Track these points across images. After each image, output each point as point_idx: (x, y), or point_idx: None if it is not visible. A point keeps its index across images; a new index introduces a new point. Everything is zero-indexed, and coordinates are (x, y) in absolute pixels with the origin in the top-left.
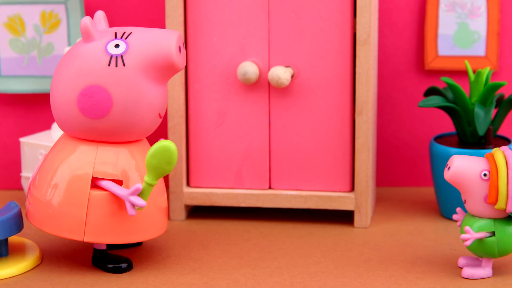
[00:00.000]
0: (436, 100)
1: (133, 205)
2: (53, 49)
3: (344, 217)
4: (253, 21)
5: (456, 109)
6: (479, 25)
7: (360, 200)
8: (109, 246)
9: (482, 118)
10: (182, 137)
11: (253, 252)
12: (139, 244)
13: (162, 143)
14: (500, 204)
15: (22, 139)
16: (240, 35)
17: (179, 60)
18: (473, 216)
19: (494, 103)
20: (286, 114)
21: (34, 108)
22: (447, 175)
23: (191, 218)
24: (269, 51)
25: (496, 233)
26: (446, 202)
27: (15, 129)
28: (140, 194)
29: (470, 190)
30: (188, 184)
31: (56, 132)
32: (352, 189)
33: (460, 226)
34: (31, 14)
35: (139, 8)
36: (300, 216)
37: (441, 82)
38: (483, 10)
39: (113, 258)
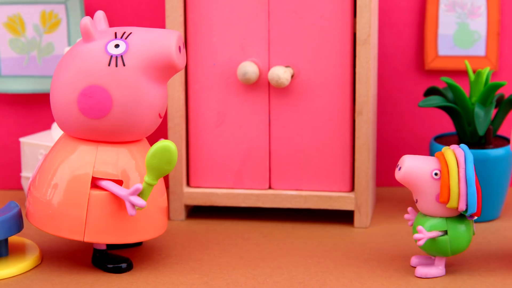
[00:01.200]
0: (436, 100)
1: (133, 205)
2: (53, 49)
3: (344, 217)
4: (253, 21)
5: (456, 109)
6: (479, 25)
7: (360, 200)
8: (109, 246)
9: (482, 118)
10: (182, 137)
11: (253, 252)
12: (139, 244)
13: (162, 143)
14: (452, 203)
15: (22, 139)
16: (240, 35)
17: (179, 60)
18: (425, 215)
19: (494, 103)
20: (286, 114)
21: (34, 108)
22: (398, 175)
23: (191, 218)
24: (269, 51)
25: (448, 232)
26: None
27: (15, 129)
28: (140, 194)
29: (422, 190)
30: (188, 184)
31: (56, 132)
32: (352, 189)
33: (411, 226)
34: (31, 14)
35: (139, 8)
36: (300, 216)
37: (441, 82)
38: (483, 10)
39: (113, 258)
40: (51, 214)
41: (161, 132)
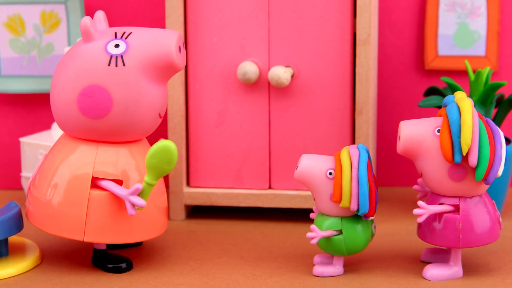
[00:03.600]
0: (436, 100)
1: (133, 205)
2: (53, 49)
3: None
4: (253, 21)
5: None
6: (479, 25)
7: None
8: (109, 246)
9: None
10: (182, 137)
11: (253, 252)
12: (139, 244)
13: (162, 143)
14: (344, 203)
15: (22, 139)
16: (240, 35)
17: (179, 60)
18: (323, 214)
19: (494, 103)
20: (286, 114)
21: (34, 108)
22: (295, 174)
23: (191, 218)
24: (269, 51)
25: (343, 232)
26: None
27: (15, 129)
28: (140, 194)
29: (317, 189)
30: (188, 184)
31: (56, 132)
32: None
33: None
34: (31, 14)
35: (139, 8)
36: (300, 216)
37: (441, 82)
38: (483, 10)
39: (113, 258)
40: (51, 214)
41: (161, 132)
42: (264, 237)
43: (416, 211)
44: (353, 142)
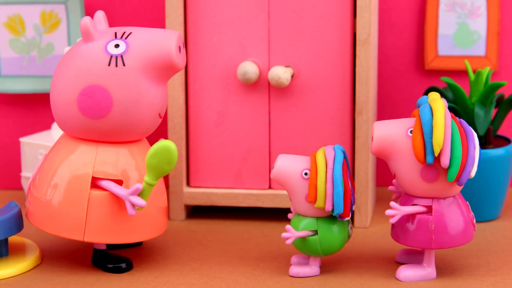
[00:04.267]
0: None
1: (133, 205)
2: (53, 49)
3: None
4: (253, 21)
5: (456, 109)
6: (479, 25)
7: (360, 200)
8: (109, 246)
9: (482, 118)
10: (182, 137)
11: (253, 252)
12: (139, 244)
13: (162, 143)
14: (319, 203)
15: (22, 139)
16: (240, 35)
17: (179, 60)
18: (299, 215)
19: (494, 103)
20: (286, 114)
21: (34, 108)
22: (271, 174)
23: (191, 218)
24: (269, 51)
25: (318, 232)
26: None
27: (15, 129)
28: (140, 194)
29: (293, 189)
30: (188, 184)
31: (56, 132)
32: None
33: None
34: (31, 14)
35: (139, 8)
36: None
37: (441, 82)
38: (483, 10)
39: (113, 258)
40: (51, 214)
41: (161, 132)
42: (264, 237)
43: (388, 212)
44: (353, 142)
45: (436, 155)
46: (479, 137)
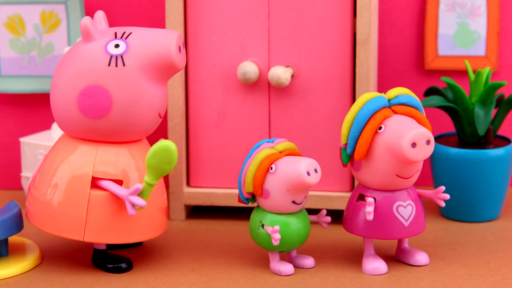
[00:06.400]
0: (436, 100)
1: (133, 205)
2: (53, 49)
3: None
4: (253, 21)
5: (456, 109)
6: (479, 25)
7: None
8: (109, 246)
9: (482, 118)
10: (182, 137)
11: (253, 252)
12: (139, 244)
13: (162, 143)
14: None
15: (22, 139)
16: (240, 35)
17: (179, 60)
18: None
19: (494, 103)
20: (286, 114)
21: (34, 108)
22: (315, 181)
23: (191, 218)
24: (269, 51)
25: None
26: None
27: (15, 129)
28: (140, 194)
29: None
30: (188, 184)
31: (56, 132)
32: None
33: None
34: (31, 14)
35: (139, 8)
36: None
37: (441, 82)
38: (483, 10)
39: (113, 258)
40: (51, 214)
41: (161, 132)
42: None
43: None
44: None
45: (343, 143)
46: (479, 137)
